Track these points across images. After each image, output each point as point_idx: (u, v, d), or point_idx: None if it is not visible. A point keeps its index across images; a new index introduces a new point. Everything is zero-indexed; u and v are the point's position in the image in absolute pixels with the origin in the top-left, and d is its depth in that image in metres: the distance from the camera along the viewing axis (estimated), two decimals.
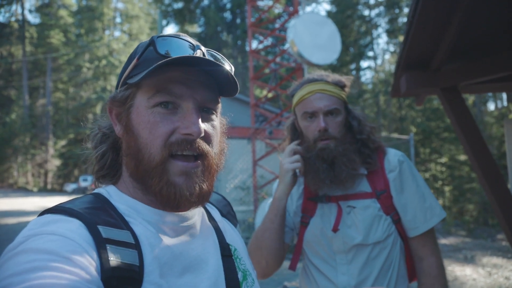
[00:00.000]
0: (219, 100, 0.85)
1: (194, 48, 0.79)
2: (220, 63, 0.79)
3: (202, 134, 0.76)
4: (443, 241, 9.32)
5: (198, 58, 0.74)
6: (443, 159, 16.14)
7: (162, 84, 0.76)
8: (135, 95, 0.79)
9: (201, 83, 0.79)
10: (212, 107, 0.82)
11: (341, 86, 1.55)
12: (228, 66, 0.82)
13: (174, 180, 0.75)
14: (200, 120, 0.76)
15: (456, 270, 6.74)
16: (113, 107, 0.83)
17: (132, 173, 0.79)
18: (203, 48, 0.81)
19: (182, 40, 0.79)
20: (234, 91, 0.83)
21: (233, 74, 0.81)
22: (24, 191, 33.94)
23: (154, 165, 0.75)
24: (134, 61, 0.79)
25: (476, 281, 6.08)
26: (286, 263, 1.97)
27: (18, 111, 40.29)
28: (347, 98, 1.60)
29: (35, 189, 35.35)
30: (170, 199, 0.75)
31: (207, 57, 0.80)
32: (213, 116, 0.83)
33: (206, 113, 0.81)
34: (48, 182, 38.63)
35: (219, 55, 0.84)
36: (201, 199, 0.79)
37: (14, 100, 41.56)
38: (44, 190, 35.37)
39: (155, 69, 0.72)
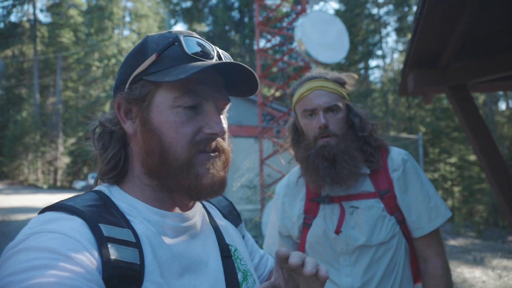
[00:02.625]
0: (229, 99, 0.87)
1: (213, 49, 0.81)
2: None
3: (226, 133, 0.80)
4: (452, 242, 9.22)
5: (239, 65, 0.76)
6: (453, 159, 15.96)
7: (190, 85, 0.76)
8: (154, 93, 0.77)
9: (219, 83, 0.81)
10: (225, 107, 0.84)
11: (341, 83, 1.52)
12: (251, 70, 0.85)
13: (201, 172, 0.77)
14: (222, 119, 0.80)
15: (465, 272, 6.65)
16: (124, 103, 0.80)
17: (152, 171, 0.78)
18: (219, 49, 0.83)
19: (202, 41, 0.81)
20: (253, 88, 0.84)
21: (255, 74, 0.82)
22: (34, 188, 34.36)
23: (181, 163, 0.76)
24: (153, 57, 0.76)
25: (486, 283, 6.00)
26: None
27: (29, 109, 40.78)
28: (354, 96, 1.58)
29: (45, 186, 35.77)
30: (198, 189, 0.77)
31: (222, 57, 0.82)
32: (224, 115, 0.85)
33: (221, 112, 0.83)
34: (57, 179, 39.03)
35: (228, 55, 0.86)
36: (221, 188, 0.81)
37: (25, 98, 42.10)
38: (53, 187, 35.78)
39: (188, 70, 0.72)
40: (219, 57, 0.81)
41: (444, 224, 11.36)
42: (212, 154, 0.79)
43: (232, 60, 0.82)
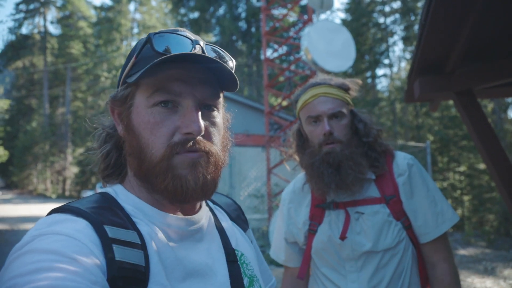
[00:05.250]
0: (220, 95, 0.83)
1: (192, 43, 0.77)
2: (218, 59, 0.77)
3: (203, 133, 0.75)
4: (462, 251, 9.07)
5: (196, 55, 0.72)
6: (462, 168, 15.78)
7: (161, 83, 0.74)
8: (134, 94, 0.78)
9: (200, 80, 0.77)
10: (212, 103, 0.80)
11: (345, 88, 1.52)
12: (229, 61, 0.81)
13: (179, 173, 0.74)
14: (200, 118, 0.75)
15: (476, 282, 6.53)
16: (115, 106, 0.83)
17: (136, 173, 0.78)
18: (202, 42, 0.79)
19: (180, 36, 0.77)
20: (235, 86, 0.81)
21: (233, 68, 0.79)
22: (43, 197, 34.58)
23: (157, 164, 0.74)
24: (133, 59, 0.78)
25: None
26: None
27: (39, 120, 41.31)
28: (361, 105, 1.58)
29: (53, 196, 35.96)
30: (177, 192, 0.74)
31: (206, 52, 0.78)
32: (215, 113, 0.81)
33: (207, 109, 0.79)
34: (66, 189, 39.25)
35: (219, 49, 0.82)
36: (207, 191, 0.77)
37: (35, 109, 42.70)
38: (62, 197, 35.95)
39: (152, 67, 0.70)
40: (203, 52, 0.78)
41: (454, 233, 11.11)
42: (194, 154, 0.75)
43: (224, 55, 0.80)
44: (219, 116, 0.82)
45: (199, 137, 0.75)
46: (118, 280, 0.63)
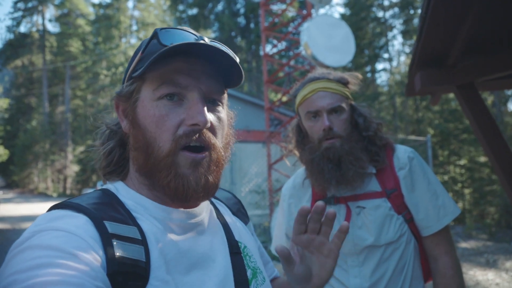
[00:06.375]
0: (225, 91, 0.84)
1: (197, 38, 0.78)
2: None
3: (209, 124, 0.75)
4: (463, 244, 9.09)
5: (202, 44, 0.73)
6: (462, 161, 15.77)
7: (167, 76, 0.75)
8: (140, 89, 0.79)
9: (206, 74, 0.78)
10: (217, 98, 0.81)
11: (344, 82, 1.51)
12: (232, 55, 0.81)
13: (182, 172, 0.74)
14: (206, 110, 0.75)
15: (477, 274, 6.55)
16: (120, 102, 0.83)
17: (140, 168, 0.78)
18: (206, 39, 0.80)
19: (185, 32, 0.79)
20: (239, 79, 0.82)
21: (238, 62, 0.80)
22: (44, 196, 34.62)
23: (163, 158, 0.74)
24: (139, 55, 0.78)
25: (499, 286, 5.89)
26: None
27: (39, 118, 41.27)
28: (361, 100, 1.57)
29: (54, 195, 36.01)
30: (178, 191, 0.74)
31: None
32: (219, 108, 0.82)
33: (212, 104, 0.80)
34: (67, 188, 39.29)
35: (223, 46, 0.82)
36: (208, 192, 0.78)
37: (35, 107, 42.65)
38: (63, 195, 35.99)
39: (159, 59, 0.71)
40: None
41: (455, 226, 11.13)
42: (198, 155, 0.75)
43: (227, 51, 0.80)
44: (223, 111, 0.83)
45: (204, 130, 0.76)
46: (118, 275, 0.63)
